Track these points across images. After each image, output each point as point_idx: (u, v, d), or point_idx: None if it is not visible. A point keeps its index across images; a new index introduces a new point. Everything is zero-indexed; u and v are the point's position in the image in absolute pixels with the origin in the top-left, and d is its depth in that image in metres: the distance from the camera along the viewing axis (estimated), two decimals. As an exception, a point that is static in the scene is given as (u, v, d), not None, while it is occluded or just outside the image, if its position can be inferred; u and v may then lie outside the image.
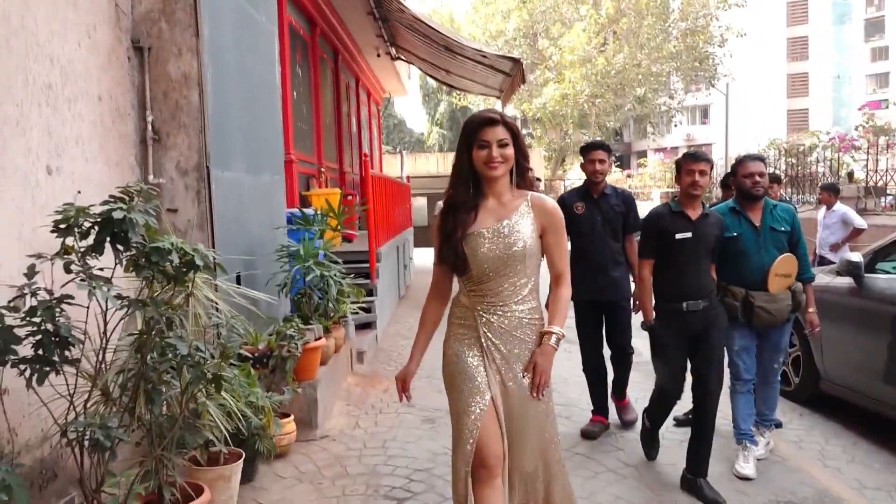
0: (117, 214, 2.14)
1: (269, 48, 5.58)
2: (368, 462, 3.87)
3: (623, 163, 43.48)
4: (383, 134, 25.55)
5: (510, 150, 2.32)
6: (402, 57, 12.82)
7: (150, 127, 3.97)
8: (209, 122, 4.06)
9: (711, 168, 3.75)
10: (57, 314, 2.16)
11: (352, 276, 5.36)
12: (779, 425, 4.36)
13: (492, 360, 2.35)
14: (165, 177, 4.03)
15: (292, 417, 3.97)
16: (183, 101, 4.02)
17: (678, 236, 3.56)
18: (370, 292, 6.69)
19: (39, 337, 2.16)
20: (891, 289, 4.05)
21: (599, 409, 4.50)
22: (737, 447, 3.88)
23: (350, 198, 9.63)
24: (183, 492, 2.77)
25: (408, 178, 14.36)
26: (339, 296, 4.79)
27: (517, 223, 2.33)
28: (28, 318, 2.12)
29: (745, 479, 3.69)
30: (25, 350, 2.17)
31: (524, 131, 38.48)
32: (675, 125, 35.55)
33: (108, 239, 2.24)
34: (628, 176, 32.96)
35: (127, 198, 2.28)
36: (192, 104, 4.03)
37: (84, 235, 2.23)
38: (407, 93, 19.58)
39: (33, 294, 2.11)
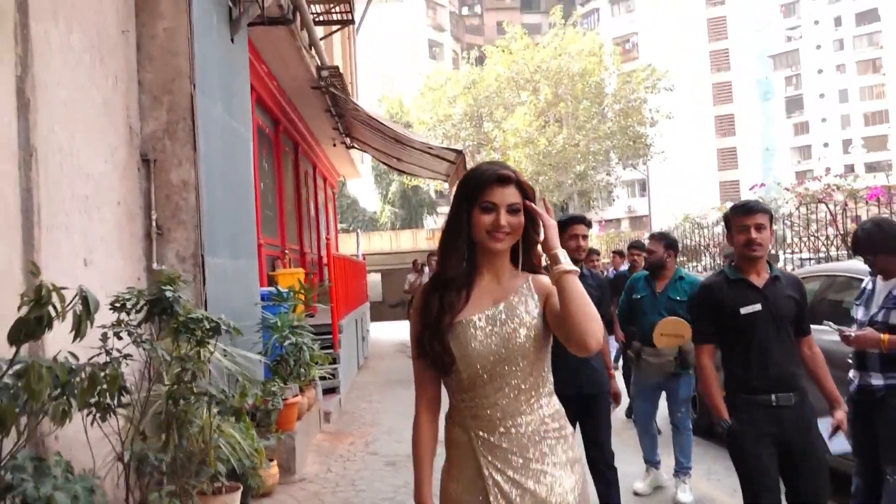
0: (168, 294, 3.01)
1: (246, 152, 6.56)
2: (341, 496, 4.65)
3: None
4: (338, 214, 26.61)
5: (521, 219, 1.77)
6: (356, 146, 13.98)
7: (154, 224, 4.84)
8: (203, 219, 4.96)
9: (772, 221, 3.08)
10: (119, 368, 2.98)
11: (318, 344, 6.19)
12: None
13: (502, 495, 1.72)
14: (167, 264, 4.87)
15: (275, 462, 4.74)
16: (182, 202, 4.92)
17: (744, 311, 2.91)
18: (334, 360, 7.50)
19: (105, 385, 2.98)
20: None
21: None
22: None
23: (312, 276, 10.49)
24: (199, 512, 3.53)
25: (363, 256, 15.30)
26: (311, 361, 5.62)
27: (517, 305, 1.77)
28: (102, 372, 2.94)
29: None
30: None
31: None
32: (615, 198, 37.70)
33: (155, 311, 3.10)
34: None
35: (171, 283, 3.15)
36: (190, 204, 4.93)
37: (138, 311, 3.09)
38: (360, 175, 20.79)
39: (108, 353, 2.94)
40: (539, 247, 1.84)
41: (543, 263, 1.87)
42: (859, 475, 3.54)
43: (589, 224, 4.04)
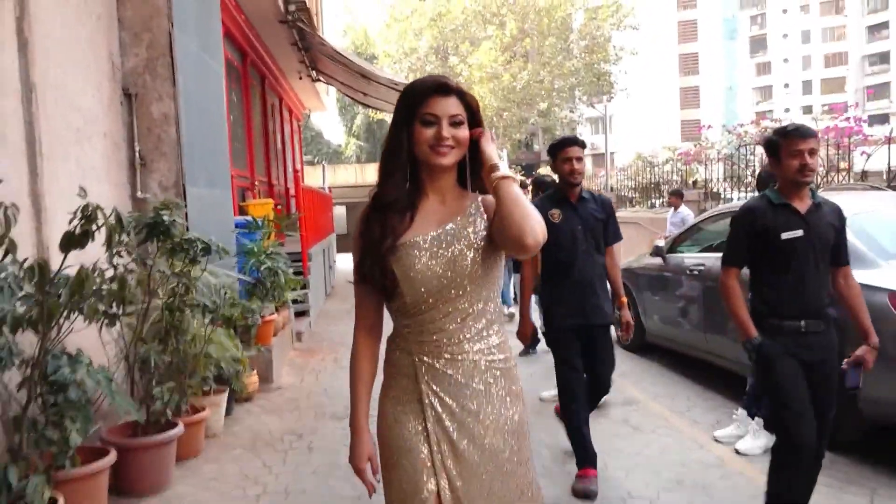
0: (165, 218, 3.44)
1: (218, 86, 6.85)
2: (315, 400, 5.24)
3: (531, 171, 45.77)
4: (303, 146, 26.62)
5: (465, 132, 1.67)
6: (322, 80, 14.11)
7: (137, 155, 5.19)
8: (183, 150, 5.32)
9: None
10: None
11: (291, 270, 6.67)
12: None
13: (439, 424, 1.67)
14: (150, 193, 5.25)
15: (255, 371, 5.28)
16: (164, 135, 5.26)
17: (785, 236, 2.88)
18: (304, 286, 8.00)
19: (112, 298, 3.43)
20: (678, 263, 5.76)
21: (588, 459, 3.66)
22: None
23: (279, 207, 10.85)
24: (192, 408, 4.07)
25: (329, 188, 15.62)
26: (284, 284, 6.10)
27: (464, 227, 1.67)
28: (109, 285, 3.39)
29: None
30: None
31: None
32: (579, 135, 38.16)
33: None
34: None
35: (166, 208, 3.58)
36: (171, 137, 5.28)
37: (138, 232, 3.52)
38: (325, 108, 20.81)
39: (114, 268, 3.38)
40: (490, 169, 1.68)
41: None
42: (753, 375, 4.24)
43: (583, 145, 3.77)
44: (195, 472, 3.83)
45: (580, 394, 3.73)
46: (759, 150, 9.07)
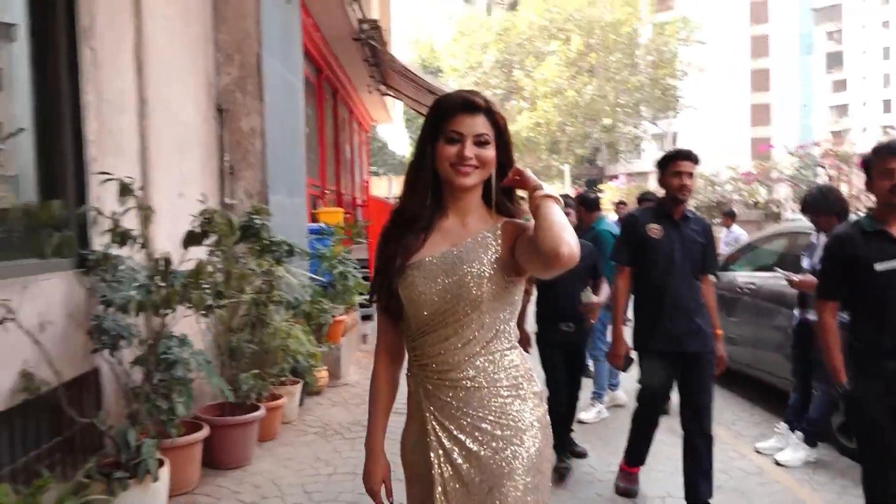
0: (257, 222, 3.88)
1: (297, 100, 7.37)
2: (378, 396, 5.62)
3: (593, 186, 45.64)
4: (370, 157, 27.40)
5: (491, 152, 1.61)
6: (390, 94, 14.66)
7: (227, 165, 5.70)
8: (267, 161, 5.81)
9: None
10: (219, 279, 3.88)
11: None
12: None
13: (444, 454, 1.59)
14: (237, 199, 5.75)
15: (325, 367, 5.70)
16: (250, 147, 5.77)
17: (879, 267, 2.59)
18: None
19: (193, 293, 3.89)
20: (729, 281, 5.91)
21: (639, 459, 3.78)
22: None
23: (348, 215, 11.37)
24: (271, 396, 4.50)
25: (395, 198, 16.15)
26: (354, 288, 6.53)
27: (472, 250, 1.60)
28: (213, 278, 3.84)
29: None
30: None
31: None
32: (643, 151, 37.91)
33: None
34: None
35: (258, 213, 4.02)
36: (257, 149, 5.78)
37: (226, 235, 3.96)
38: (392, 121, 21.43)
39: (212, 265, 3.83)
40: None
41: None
42: (796, 391, 4.39)
43: (696, 160, 3.48)
44: (273, 453, 4.25)
45: (656, 423, 3.68)
46: (823, 171, 9.07)
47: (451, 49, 33.08)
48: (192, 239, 2.85)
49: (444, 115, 1.60)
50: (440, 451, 1.59)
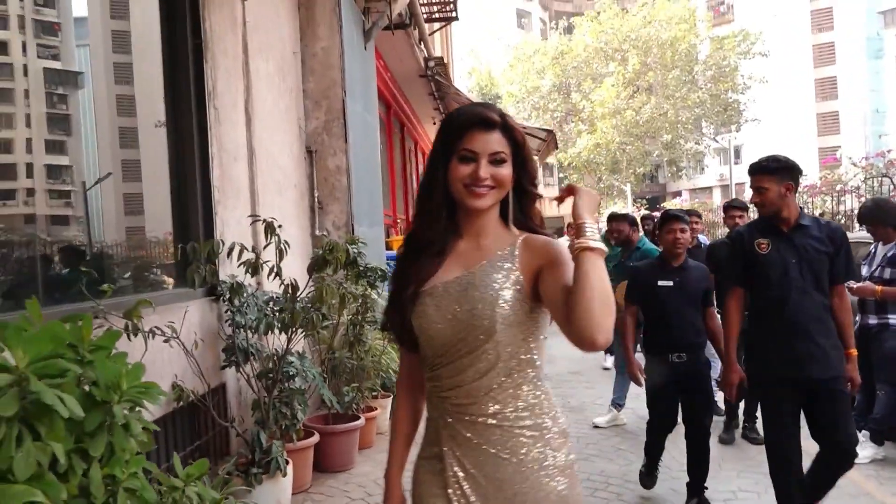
0: (353, 250, 4.39)
1: (374, 138, 7.97)
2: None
3: (656, 204, 45.22)
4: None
5: (507, 171, 1.50)
6: (454, 124, 15.27)
7: (316, 200, 6.30)
8: (352, 195, 6.38)
9: None
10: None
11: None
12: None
13: (461, 493, 1.49)
14: (325, 231, 6.33)
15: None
16: (337, 183, 6.35)
17: None
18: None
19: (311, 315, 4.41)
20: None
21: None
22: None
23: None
24: (367, 408, 4.98)
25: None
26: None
27: (486, 273, 1.47)
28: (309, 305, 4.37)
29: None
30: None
31: (558, 176, 40.76)
32: (706, 167, 37.49)
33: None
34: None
35: (354, 243, 4.54)
36: (342, 185, 6.36)
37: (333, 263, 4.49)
38: (454, 149, 22.09)
39: (317, 290, 4.35)
40: (538, 205, 1.59)
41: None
42: (861, 392, 4.59)
43: (772, 171, 3.21)
44: (371, 458, 4.71)
45: (797, 463, 3.15)
46: (889, 181, 9.08)
47: (509, 76, 33.70)
48: (316, 266, 3.38)
49: (457, 131, 1.49)
50: (456, 485, 1.49)
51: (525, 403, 1.49)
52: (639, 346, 4.30)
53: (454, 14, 10.32)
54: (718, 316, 3.71)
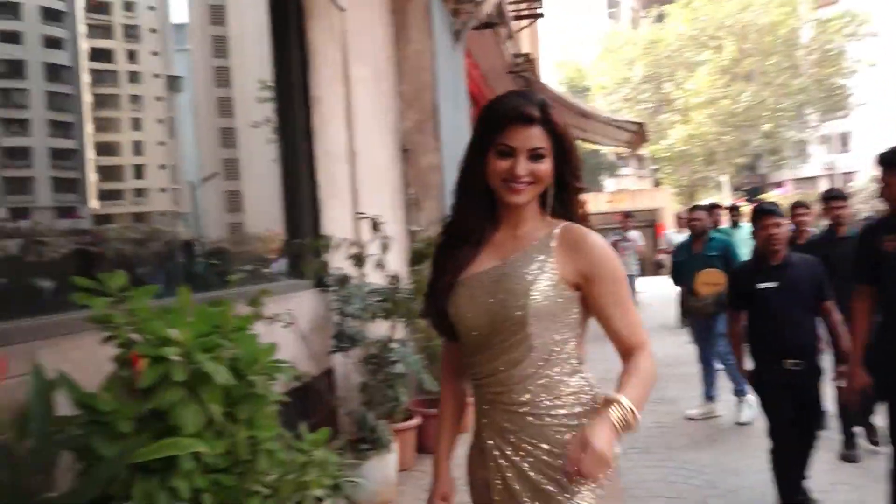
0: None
1: (464, 136, 8.19)
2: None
3: (756, 195, 43.36)
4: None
5: (546, 166, 1.48)
6: (543, 119, 15.35)
7: (411, 197, 6.58)
8: (445, 192, 6.63)
9: None
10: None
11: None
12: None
13: (502, 480, 1.50)
14: (419, 226, 6.60)
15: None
16: (430, 181, 6.62)
17: None
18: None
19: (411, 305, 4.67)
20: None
21: None
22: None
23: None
24: (462, 394, 5.22)
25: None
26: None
27: (520, 264, 1.47)
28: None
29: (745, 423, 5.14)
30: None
31: (651, 168, 39.79)
32: (809, 155, 35.67)
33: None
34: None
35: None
36: (435, 182, 6.62)
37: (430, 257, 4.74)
38: (543, 143, 22.09)
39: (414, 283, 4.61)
40: (580, 195, 1.56)
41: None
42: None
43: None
44: (467, 442, 4.93)
45: None
46: None
47: (598, 67, 33.20)
48: (417, 258, 3.64)
49: (495, 125, 1.47)
50: (498, 475, 1.49)
51: (561, 394, 1.46)
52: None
53: (540, 11, 10.40)
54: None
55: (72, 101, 3.62)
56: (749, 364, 3.63)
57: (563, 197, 1.54)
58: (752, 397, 5.08)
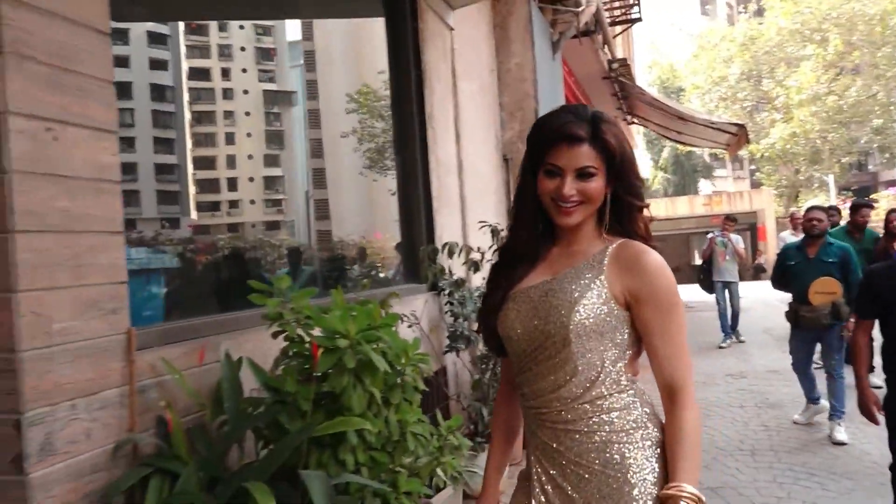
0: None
1: (562, 143, 8.39)
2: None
3: (866, 195, 40.96)
4: (612, 183, 27.83)
5: (597, 185, 1.43)
6: (636, 122, 15.21)
7: (513, 202, 6.82)
8: (545, 199, 6.83)
9: None
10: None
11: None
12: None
13: (544, 501, 1.46)
14: (521, 232, 6.83)
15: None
16: (531, 188, 6.84)
17: None
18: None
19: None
20: None
21: None
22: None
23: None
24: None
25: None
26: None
27: (572, 280, 1.43)
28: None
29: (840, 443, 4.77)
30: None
31: (749, 169, 38.25)
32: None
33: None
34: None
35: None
36: (536, 189, 6.83)
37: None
38: (636, 146, 21.81)
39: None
40: (643, 212, 1.51)
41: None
42: None
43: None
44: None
45: None
46: None
47: (693, 66, 32.35)
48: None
49: (541, 145, 1.46)
50: (542, 499, 1.45)
51: (610, 410, 1.40)
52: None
53: (638, 15, 10.42)
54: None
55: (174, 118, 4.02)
56: (876, 381, 3.32)
57: (622, 215, 1.48)
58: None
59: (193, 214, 4.15)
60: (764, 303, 13.04)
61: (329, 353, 2.09)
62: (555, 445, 1.43)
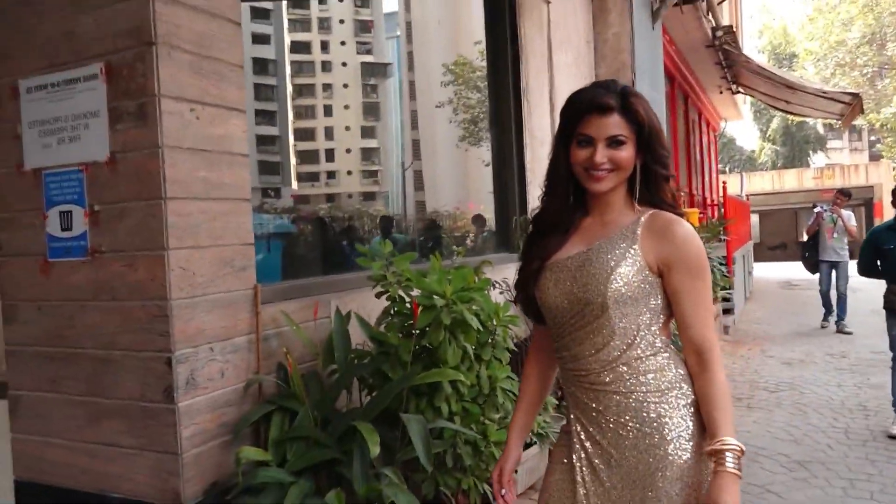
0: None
1: (661, 115, 8.25)
2: (748, 377, 6.22)
3: None
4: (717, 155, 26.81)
5: (627, 153, 1.51)
6: (742, 91, 14.60)
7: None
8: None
9: None
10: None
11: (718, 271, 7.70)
12: None
13: (585, 458, 1.54)
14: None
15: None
16: (626, 160, 6.83)
17: None
18: (729, 286, 8.91)
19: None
20: None
21: None
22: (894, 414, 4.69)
23: (702, 215, 11.84)
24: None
25: (747, 196, 15.94)
26: (717, 281, 7.17)
27: (604, 250, 1.51)
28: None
29: None
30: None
31: (869, 140, 35.75)
32: None
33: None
34: None
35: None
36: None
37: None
38: (742, 116, 20.88)
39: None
40: (670, 182, 1.58)
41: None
42: None
43: None
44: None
45: None
46: None
47: (808, 31, 30.42)
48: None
49: (573, 117, 1.53)
50: (582, 455, 1.53)
51: (647, 371, 1.48)
52: None
53: (746, -20, 9.98)
54: None
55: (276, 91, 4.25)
56: None
57: (650, 184, 1.55)
58: None
59: (294, 185, 4.45)
60: (874, 283, 12.39)
61: (427, 310, 2.31)
62: (594, 405, 1.50)
